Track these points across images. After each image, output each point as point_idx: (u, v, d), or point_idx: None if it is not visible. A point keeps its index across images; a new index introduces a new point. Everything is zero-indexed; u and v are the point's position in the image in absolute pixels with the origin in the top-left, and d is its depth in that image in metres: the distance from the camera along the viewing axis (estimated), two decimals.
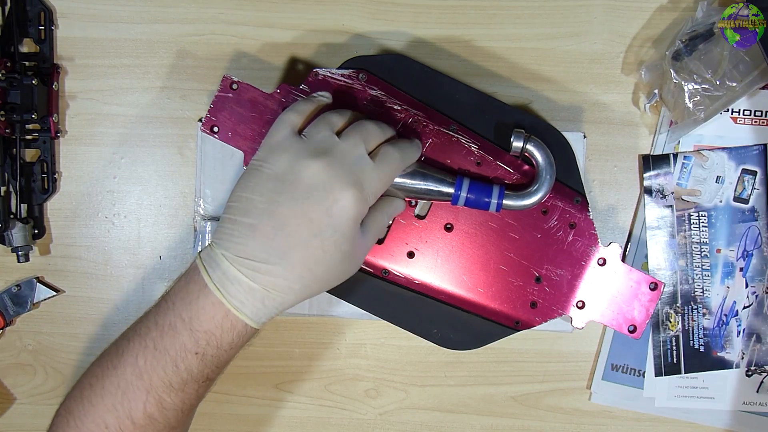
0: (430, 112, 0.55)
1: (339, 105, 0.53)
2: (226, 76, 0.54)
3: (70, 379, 0.65)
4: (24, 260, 0.62)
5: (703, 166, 0.61)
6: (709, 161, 0.61)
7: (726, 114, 0.61)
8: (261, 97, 0.54)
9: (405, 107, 0.54)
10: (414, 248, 0.55)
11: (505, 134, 0.55)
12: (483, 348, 0.56)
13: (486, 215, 0.55)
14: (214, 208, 0.58)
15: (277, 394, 0.64)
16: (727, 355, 0.62)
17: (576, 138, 0.57)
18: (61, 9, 0.62)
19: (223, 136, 0.54)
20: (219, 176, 0.57)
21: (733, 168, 0.61)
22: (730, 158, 0.61)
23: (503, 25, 0.62)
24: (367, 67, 0.55)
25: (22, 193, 0.62)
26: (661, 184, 0.61)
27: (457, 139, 0.54)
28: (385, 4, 0.62)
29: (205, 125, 0.54)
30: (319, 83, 0.54)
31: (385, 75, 0.55)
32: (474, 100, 0.56)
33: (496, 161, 0.54)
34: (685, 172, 0.61)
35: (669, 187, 0.61)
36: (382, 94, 0.54)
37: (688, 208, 0.61)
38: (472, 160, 0.54)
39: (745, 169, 0.61)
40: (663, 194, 0.61)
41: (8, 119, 0.59)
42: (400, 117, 0.54)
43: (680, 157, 0.61)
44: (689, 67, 0.57)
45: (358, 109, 0.54)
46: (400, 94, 0.55)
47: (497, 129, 0.55)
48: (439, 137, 0.54)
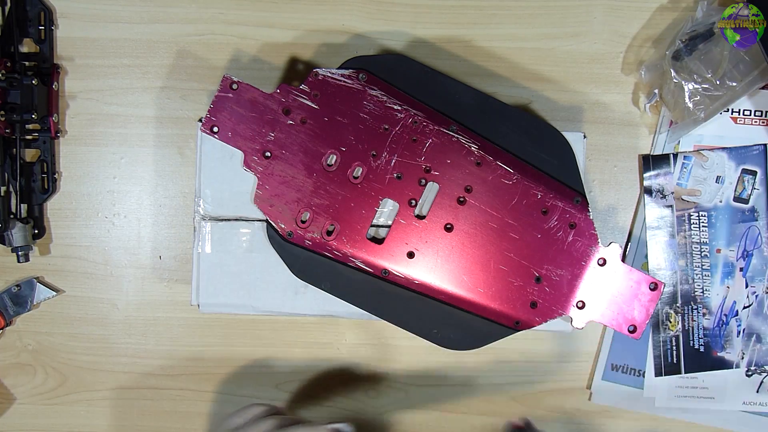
0: (430, 112, 0.55)
1: (340, 107, 0.53)
2: (226, 76, 0.54)
3: (70, 379, 0.65)
4: (24, 260, 0.62)
5: (703, 166, 0.61)
6: (709, 161, 0.61)
7: (726, 114, 0.61)
8: (261, 97, 0.54)
9: (405, 107, 0.54)
10: (414, 248, 0.55)
11: (504, 134, 0.55)
12: (483, 348, 0.56)
13: (487, 215, 0.55)
14: (214, 208, 0.58)
15: (277, 394, 0.64)
16: (727, 355, 0.62)
17: (576, 138, 0.57)
18: (61, 9, 0.62)
19: (223, 136, 0.54)
20: (219, 176, 0.57)
21: (733, 168, 0.61)
22: (730, 158, 0.61)
23: (503, 25, 0.62)
24: (367, 67, 0.55)
25: (22, 193, 0.62)
26: (661, 184, 0.61)
27: (457, 139, 0.54)
28: (385, 4, 0.62)
29: (205, 125, 0.54)
30: (319, 83, 0.54)
31: (385, 75, 0.55)
32: (474, 100, 0.56)
33: (496, 161, 0.54)
34: (685, 172, 0.61)
35: (669, 187, 0.61)
36: (382, 94, 0.54)
37: (688, 208, 0.61)
38: (472, 160, 0.54)
39: (745, 169, 0.61)
40: (663, 194, 0.61)
41: (8, 119, 0.59)
42: (400, 117, 0.54)
43: (680, 157, 0.61)
44: (689, 67, 0.57)
45: (358, 111, 0.54)
46: (400, 94, 0.55)
47: (497, 129, 0.55)
48: (439, 137, 0.54)
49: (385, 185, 0.54)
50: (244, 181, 0.56)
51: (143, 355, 0.64)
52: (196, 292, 0.57)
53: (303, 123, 0.54)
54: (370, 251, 0.54)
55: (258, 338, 0.64)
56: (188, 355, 0.64)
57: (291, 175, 0.54)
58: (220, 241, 0.57)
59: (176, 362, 0.64)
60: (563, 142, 0.56)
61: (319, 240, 0.54)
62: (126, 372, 0.65)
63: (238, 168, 0.55)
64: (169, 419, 0.65)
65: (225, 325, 0.64)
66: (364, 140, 0.54)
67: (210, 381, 0.65)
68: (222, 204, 0.57)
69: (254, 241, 0.57)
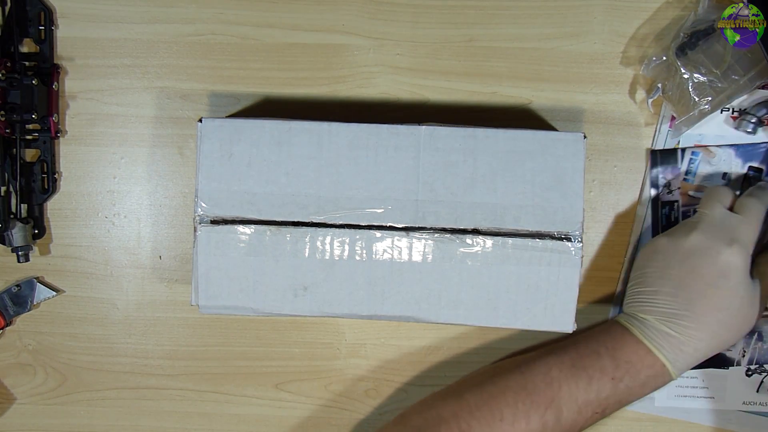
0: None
1: None
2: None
3: (70, 379, 0.65)
4: (24, 260, 0.62)
5: (710, 162, 0.61)
6: (716, 158, 0.61)
7: (727, 113, 0.61)
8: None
9: None
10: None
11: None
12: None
13: None
14: (214, 209, 0.57)
15: (277, 394, 0.64)
16: (727, 352, 0.62)
17: (576, 138, 0.57)
18: (61, 9, 0.62)
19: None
20: (218, 176, 0.57)
21: (740, 165, 0.61)
22: (737, 155, 0.61)
23: (503, 25, 0.62)
24: None
25: (22, 193, 0.62)
26: (668, 180, 0.61)
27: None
28: (385, 4, 0.62)
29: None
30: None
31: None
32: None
33: None
34: (692, 168, 0.61)
35: (676, 182, 0.61)
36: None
37: (694, 203, 0.61)
38: None
39: (752, 167, 0.61)
40: (670, 189, 0.61)
41: (8, 119, 0.59)
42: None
43: (687, 153, 0.61)
44: (694, 60, 0.57)
45: None
46: None
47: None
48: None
49: None
50: (243, 181, 0.56)
51: (143, 355, 0.64)
52: (196, 293, 0.57)
53: None
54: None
55: (258, 338, 0.64)
56: (188, 355, 0.65)
57: None
58: (219, 241, 0.57)
59: (176, 362, 0.64)
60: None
61: None
62: (126, 372, 0.65)
63: (237, 168, 0.55)
64: (169, 419, 0.65)
65: (225, 325, 0.64)
66: None
67: (210, 381, 0.65)
68: (222, 204, 0.57)
69: (254, 242, 0.57)
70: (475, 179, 0.55)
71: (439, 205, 0.55)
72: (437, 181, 0.55)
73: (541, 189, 0.55)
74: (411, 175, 0.55)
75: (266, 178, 0.55)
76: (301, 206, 0.55)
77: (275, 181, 0.55)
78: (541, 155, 0.55)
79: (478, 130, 0.55)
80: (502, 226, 0.55)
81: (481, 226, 0.55)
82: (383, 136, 0.55)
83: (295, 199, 0.55)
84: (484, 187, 0.55)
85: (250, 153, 0.55)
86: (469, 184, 0.55)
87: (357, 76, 0.62)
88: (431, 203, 0.55)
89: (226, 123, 0.56)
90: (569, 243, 0.55)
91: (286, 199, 0.55)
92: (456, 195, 0.55)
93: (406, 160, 0.55)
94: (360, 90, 0.62)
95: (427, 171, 0.55)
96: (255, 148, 0.55)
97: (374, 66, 0.62)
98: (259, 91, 0.62)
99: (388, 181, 0.55)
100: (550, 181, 0.55)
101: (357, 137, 0.55)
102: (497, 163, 0.55)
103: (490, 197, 0.55)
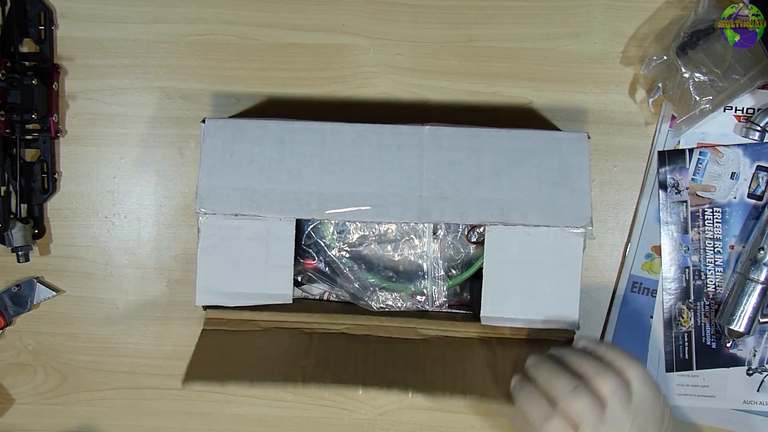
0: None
1: None
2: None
3: (70, 379, 0.64)
4: (24, 260, 0.62)
5: (719, 162, 0.61)
6: (724, 157, 0.61)
7: (729, 112, 0.61)
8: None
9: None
10: None
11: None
12: None
13: None
14: (215, 206, 0.57)
15: (277, 394, 0.64)
16: (739, 352, 0.62)
17: (580, 138, 0.57)
18: (61, 9, 0.62)
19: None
20: (220, 173, 0.57)
21: (748, 164, 0.61)
22: (746, 154, 0.61)
23: (503, 25, 0.62)
24: None
25: (22, 193, 0.62)
26: (676, 179, 0.61)
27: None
28: (385, 4, 0.62)
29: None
30: None
31: None
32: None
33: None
34: (701, 168, 0.61)
35: (684, 182, 0.61)
36: None
37: (703, 203, 0.61)
38: None
39: (760, 166, 0.61)
40: (678, 189, 0.61)
41: (8, 119, 0.59)
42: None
43: (696, 153, 0.61)
44: (694, 59, 0.57)
45: None
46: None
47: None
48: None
49: None
50: (245, 178, 0.56)
51: (143, 355, 0.64)
52: (201, 293, 0.57)
53: None
54: None
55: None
56: (188, 355, 0.64)
57: None
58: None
59: (176, 362, 0.64)
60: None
61: None
62: (126, 372, 0.65)
63: (238, 167, 0.55)
64: (169, 419, 0.65)
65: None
66: None
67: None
68: (222, 201, 0.57)
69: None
70: (480, 176, 0.55)
71: (444, 202, 0.55)
72: (441, 178, 0.55)
73: (548, 185, 0.54)
74: (415, 172, 0.55)
75: (268, 176, 0.55)
76: (303, 203, 0.55)
77: (277, 178, 0.55)
78: (546, 153, 0.55)
79: (482, 129, 0.55)
80: (509, 221, 0.55)
81: (488, 221, 0.55)
82: (387, 136, 0.55)
83: (297, 195, 0.55)
84: (490, 183, 0.55)
85: (252, 151, 0.55)
86: (474, 181, 0.55)
87: (357, 76, 0.62)
88: (436, 199, 0.55)
89: (229, 123, 0.56)
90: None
91: (288, 196, 0.55)
92: (461, 192, 0.55)
93: (410, 159, 0.55)
94: (360, 90, 0.62)
95: (432, 169, 0.55)
96: (257, 146, 0.55)
97: (374, 66, 0.62)
98: (259, 91, 0.62)
99: (392, 178, 0.55)
100: (556, 177, 0.55)
101: (361, 136, 0.55)
102: (502, 160, 0.55)
103: (496, 193, 0.55)
